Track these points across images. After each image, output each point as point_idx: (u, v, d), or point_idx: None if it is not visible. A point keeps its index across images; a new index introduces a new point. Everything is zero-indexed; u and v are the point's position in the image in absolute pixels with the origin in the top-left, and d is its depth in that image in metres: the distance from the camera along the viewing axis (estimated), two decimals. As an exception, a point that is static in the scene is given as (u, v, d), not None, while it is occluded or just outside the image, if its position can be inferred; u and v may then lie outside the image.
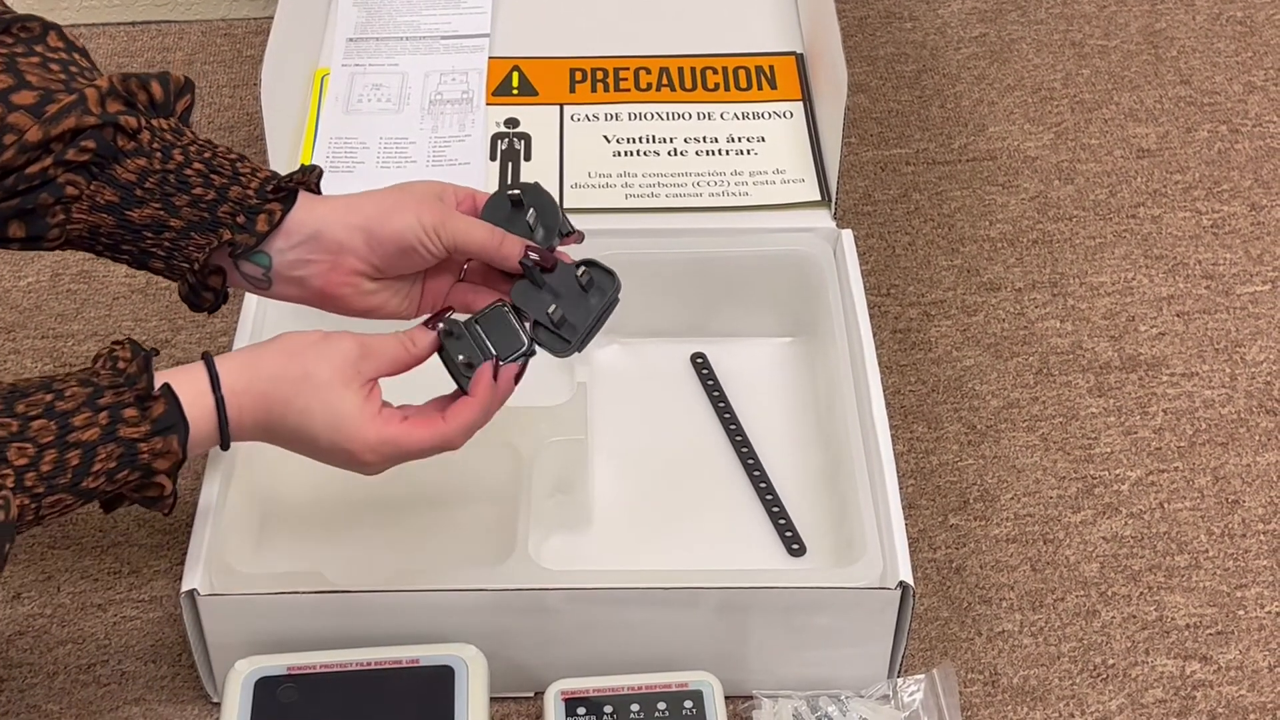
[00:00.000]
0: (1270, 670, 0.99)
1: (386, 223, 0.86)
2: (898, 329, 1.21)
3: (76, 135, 0.81)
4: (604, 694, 0.91)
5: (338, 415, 0.82)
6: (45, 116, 0.81)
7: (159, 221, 0.84)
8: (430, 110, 1.23)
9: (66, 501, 0.77)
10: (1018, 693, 0.98)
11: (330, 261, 0.86)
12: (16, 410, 0.76)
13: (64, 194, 0.82)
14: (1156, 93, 1.43)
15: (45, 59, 0.84)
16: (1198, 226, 1.30)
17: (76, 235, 0.84)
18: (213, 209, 0.84)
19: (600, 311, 0.90)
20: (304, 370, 0.82)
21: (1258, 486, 1.10)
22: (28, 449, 0.75)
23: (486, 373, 0.86)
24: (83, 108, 0.81)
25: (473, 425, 0.85)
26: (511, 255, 0.88)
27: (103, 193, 0.83)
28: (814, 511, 1.04)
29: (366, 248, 0.86)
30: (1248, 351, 1.20)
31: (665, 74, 1.27)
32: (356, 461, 0.84)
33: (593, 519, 1.04)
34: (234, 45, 1.48)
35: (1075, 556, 1.06)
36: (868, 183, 1.34)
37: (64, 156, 0.81)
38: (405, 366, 0.86)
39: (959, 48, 1.48)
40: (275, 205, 0.85)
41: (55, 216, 0.83)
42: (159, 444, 0.79)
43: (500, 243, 0.87)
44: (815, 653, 0.94)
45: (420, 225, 0.85)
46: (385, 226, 0.85)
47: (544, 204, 0.90)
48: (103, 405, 0.78)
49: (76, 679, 0.98)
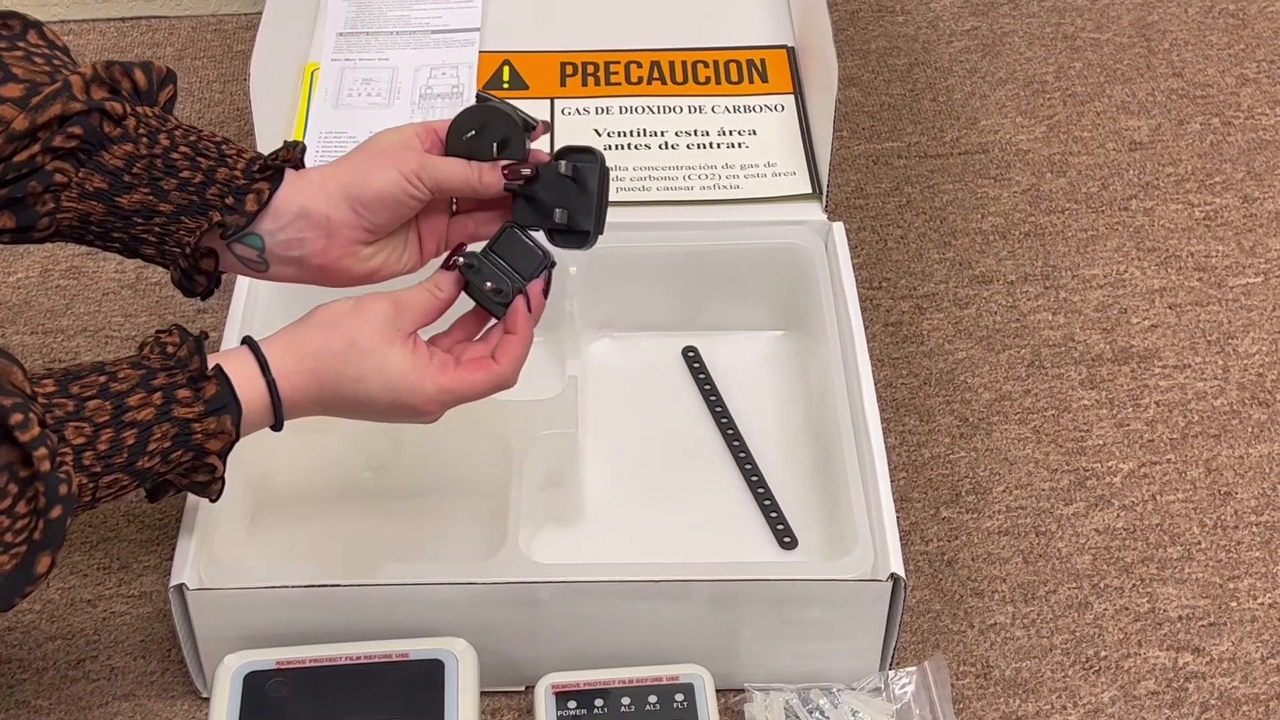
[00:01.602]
0: (1263, 661, 0.99)
1: (366, 183, 0.86)
2: (889, 322, 1.21)
3: (63, 122, 0.81)
4: (595, 687, 0.91)
5: (391, 376, 0.83)
6: (32, 105, 0.81)
7: (148, 207, 0.84)
8: (421, 104, 1.23)
9: (123, 482, 0.78)
10: (1010, 685, 0.98)
11: (324, 237, 0.86)
12: (71, 391, 0.77)
13: (53, 181, 0.82)
14: (1149, 85, 1.43)
15: (29, 53, 0.84)
16: (1190, 219, 1.30)
17: (67, 225, 0.84)
18: (201, 191, 0.84)
19: (599, 191, 0.89)
20: (348, 339, 0.83)
21: (1250, 478, 1.10)
22: (84, 428, 0.76)
23: (520, 305, 0.87)
24: (68, 94, 0.81)
25: (522, 357, 0.87)
26: (494, 183, 0.88)
27: (91, 179, 0.83)
28: (805, 504, 1.04)
29: (353, 213, 0.86)
30: (1240, 343, 1.20)
31: (656, 67, 1.27)
32: (418, 414, 0.85)
33: (584, 512, 1.03)
34: (224, 40, 1.48)
35: (1067, 549, 1.05)
36: (860, 176, 1.34)
37: (51, 143, 0.81)
38: (438, 312, 0.87)
39: (951, 41, 1.48)
40: (263, 184, 0.85)
41: (44, 205, 0.83)
42: (212, 424, 0.80)
43: (480, 176, 0.87)
44: (807, 645, 0.94)
45: (400, 175, 0.86)
46: (366, 188, 0.86)
47: (497, 117, 0.89)
48: (156, 386, 0.79)
49: (66, 674, 0.98)
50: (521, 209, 0.89)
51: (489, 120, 0.89)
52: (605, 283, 1.12)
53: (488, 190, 0.88)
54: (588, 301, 1.11)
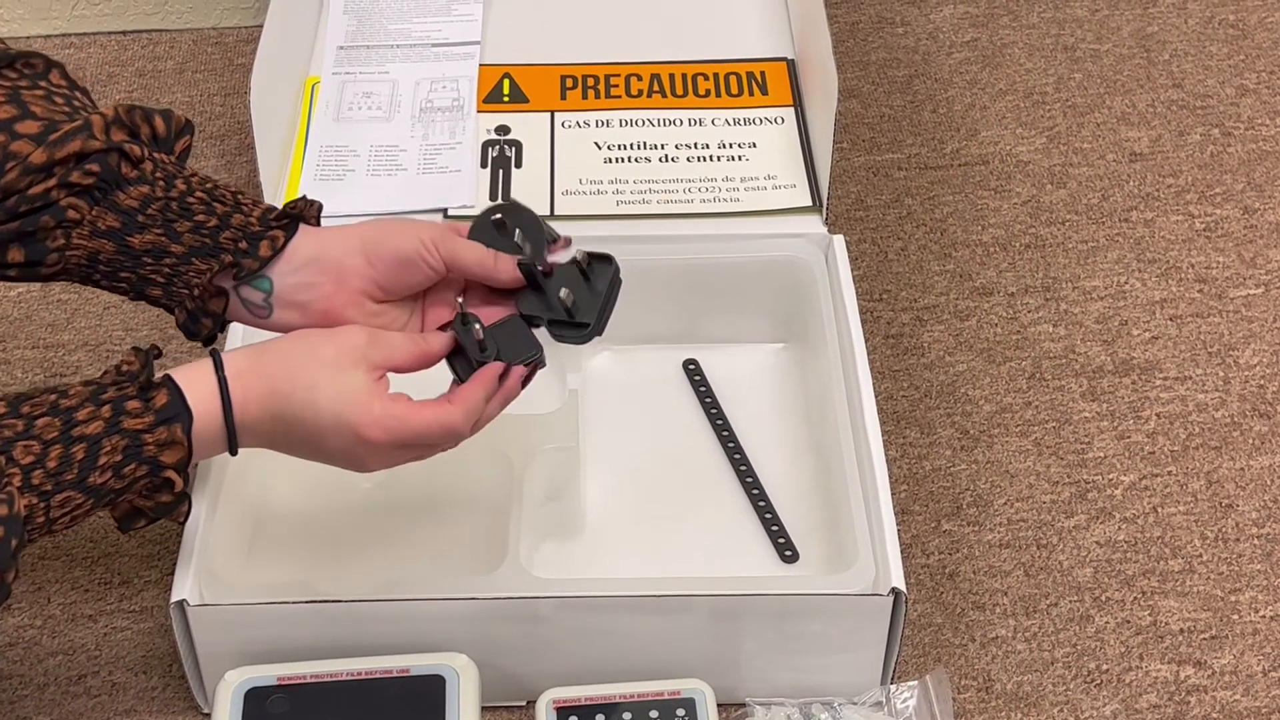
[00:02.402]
0: (1265, 675, 0.99)
1: (385, 240, 0.87)
2: (890, 334, 1.21)
3: (81, 159, 0.82)
4: (596, 702, 0.91)
5: (343, 391, 0.81)
6: (50, 140, 0.81)
7: (160, 247, 0.84)
8: (421, 118, 1.23)
9: (76, 500, 0.77)
10: (1012, 699, 0.98)
11: (334, 283, 0.86)
12: (22, 411, 0.77)
13: (65, 217, 0.82)
14: (1149, 96, 1.43)
15: (49, 93, 0.85)
16: (1190, 230, 1.30)
17: (75, 263, 0.84)
18: (215, 235, 0.84)
19: (609, 291, 0.90)
20: (310, 348, 0.83)
21: (1251, 490, 1.10)
22: (33, 446, 0.76)
23: (496, 366, 0.86)
24: (88, 133, 0.82)
25: (477, 410, 0.85)
26: (507, 269, 0.88)
27: (104, 218, 0.83)
28: (806, 518, 1.04)
29: (368, 265, 0.86)
30: (1241, 355, 1.20)
31: (656, 80, 1.27)
32: (362, 441, 0.82)
33: (585, 527, 1.03)
34: (225, 54, 1.48)
35: (1069, 561, 1.05)
36: (860, 188, 1.34)
37: (68, 179, 0.81)
38: (416, 362, 0.86)
39: (951, 52, 1.48)
40: (279, 232, 0.86)
41: (55, 241, 0.83)
42: (163, 434, 0.79)
43: (496, 259, 0.88)
44: (808, 660, 0.94)
45: (420, 240, 0.87)
46: (385, 245, 0.86)
47: (526, 219, 0.91)
48: (105, 399, 0.78)
49: (67, 690, 0.98)
50: (528, 299, 0.89)
51: (515, 219, 0.90)
52: (606, 296, 1.12)
53: (501, 275, 0.88)
54: (588, 315, 1.11)
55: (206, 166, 1.35)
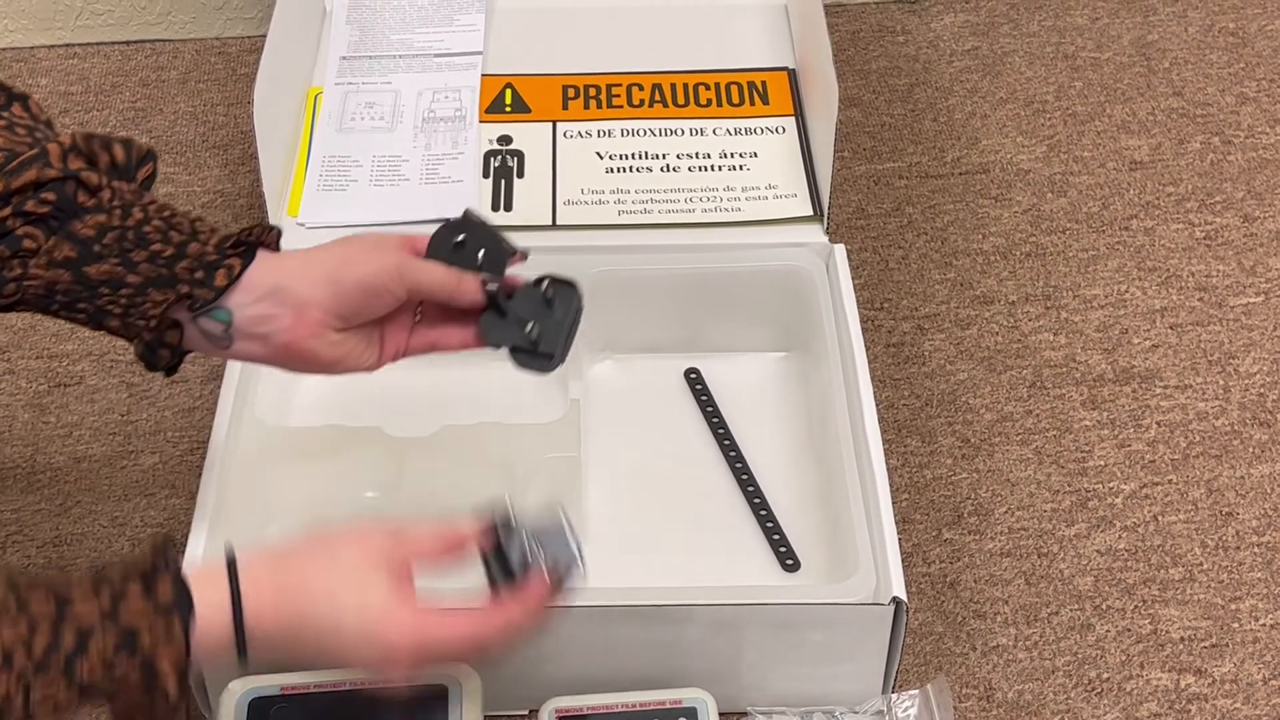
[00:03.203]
0: (1265, 683, 0.99)
1: (350, 270, 0.85)
2: (891, 343, 1.21)
3: (37, 188, 0.80)
4: (598, 712, 0.91)
5: (367, 603, 0.76)
6: (7, 170, 0.79)
7: (116, 278, 0.81)
8: (423, 128, 1.24)
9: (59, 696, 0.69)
10: (1013, 707, 0.98)
11: (294, 315, 0.84)
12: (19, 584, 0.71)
13: (21, 247, 0.80)
14: (1149, 105, 1.43)
15: (11, 124, 0.83)
16: (1191, 238, 1.30)
17: (32, 293, 0.82)
18: (171, 264, 0.82)
19: (572, 319, 0.89)
20: (329, 555, 0.78)
21: (1252, 499, 1.10)
22: (20, 625, 0.69)
23: (542, 584, 0.80)
24: (44, 161, 0.80)
25: (514, 625, 0.79)
26: (471, 290, 0.87)
27: (61, 248, 0.81)
28: (807, 527, 1.04)
29: (332, 297, 0.84)
30: (1241, 363, 1.20)
31: (658, 90, 1.28)
32: (386, 655, 0.77)
33: (586, 535, 1.03)
34: (228, 64, 1.49)
35: (1069, 570, 1.06)
36: (860, 197, 1.34)
37: (23, 208, 0.79)
38: (444, 555, 0.81)
39: (951, 61, 1.48)
40: (234, 260, 0.83)
41: (12, 270, 0.81)
42: (160, 628, 0.71)
43: (459, 281, 0.87)
44: (809, 669, 0.94)
45: (383, 268, 0.85)
46: (349, 274, 0.85)
47: (483, 233, 0.89)
48: (106, 578, 0.72)
49: (71, 700, 0.98)
50: (491, 324, 0.88)
51: (472, 234, 0.88)
52: (607, 305, 1.12)
53: (465, 297, 0.87)
54: (590, 324, 1.10)
55: (210, 177, 1.36)
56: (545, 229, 1.15)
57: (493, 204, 1.16)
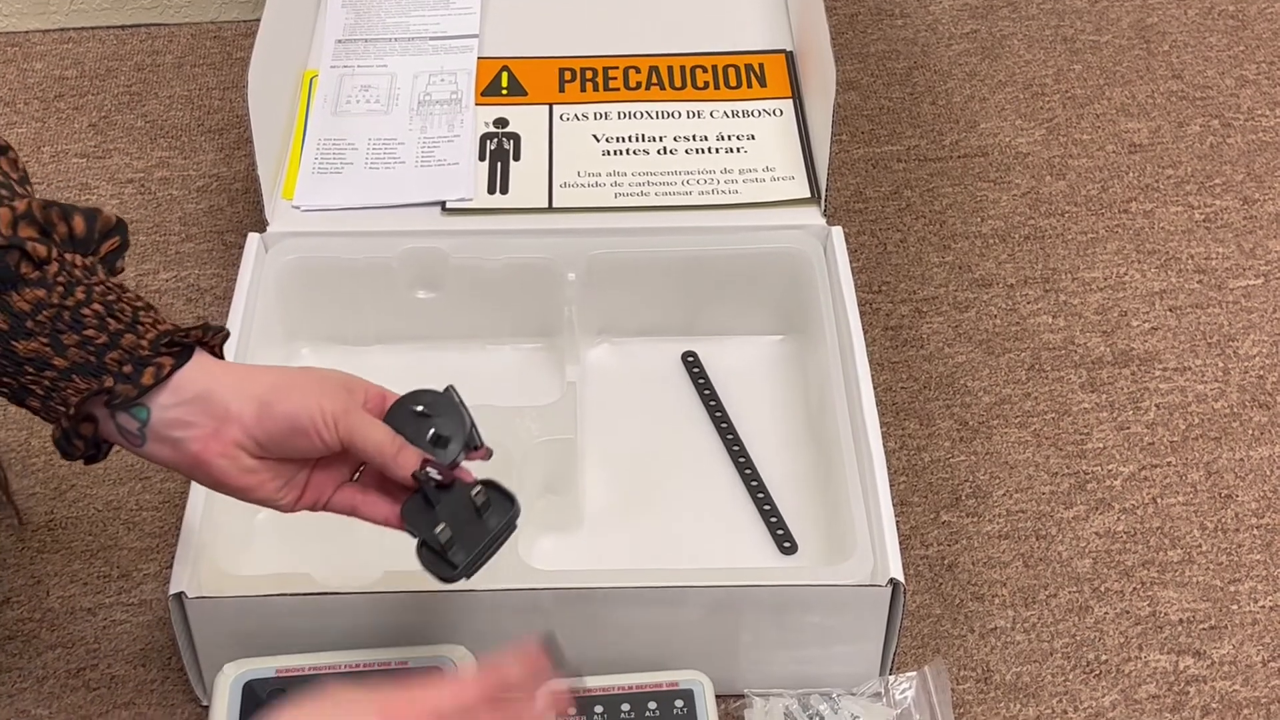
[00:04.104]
0: (1264, 665, 0.99)
1: (284, 399, 0.80)
2: (889, 326, 1.21)
3: None
4: (594, 694, 0.91)
5: None
6: None
7: (42, 358, 0.77)
8: (419, 111, 1.23)
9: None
10: (1010, 689, 0.98)
11: (212, 428, 0.79)
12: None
13: None
14: (1148, 87, 1.42)
15: None
16: (1190, 221, 1.30)
17: None
18: (101, 354, 0.78)
19: (494, 536, 0.82)
20: None
21: (1251, 481, 1.10)
22: None
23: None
24: None
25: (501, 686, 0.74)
26: (406, 466, 0.81)
27: None
28: (805, 509, 1.04)
29: (255, 421, 0.79)
30: (1240, 345, 1.19)
31: (655, 73, 1.27)
32: None
33: (583, 518, 1.03)
34: (223, 47, 1.48)
35: (1068, 552, 1.05)
36: (859, 180, 1.33)
37: None
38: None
39: (950, 44, 1.48)
40: (166, 359, 0.79)
41: None
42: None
43: (397, 451, 0.81)
44: (807, 651, 0.94)
45: (320, 410, 0.80)
46: (282, 403, 0.80)
47: (452, 415, 0.83)
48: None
49: (66, 683, 0.98)
50: (414, 509, 0.82)
51: (442, 412, 0.83)
52: (604, 288, 1.12)
53: (396, 469, 0.81)
54: (586, 307, 1.11)
55: (205, 161, 1.35)
56: (541, 212, 1.14)
57: (489, 187, 1.16)
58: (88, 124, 1.40)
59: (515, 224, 1.13)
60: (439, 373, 1.12)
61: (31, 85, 1.44)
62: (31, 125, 1.39)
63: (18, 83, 1.44)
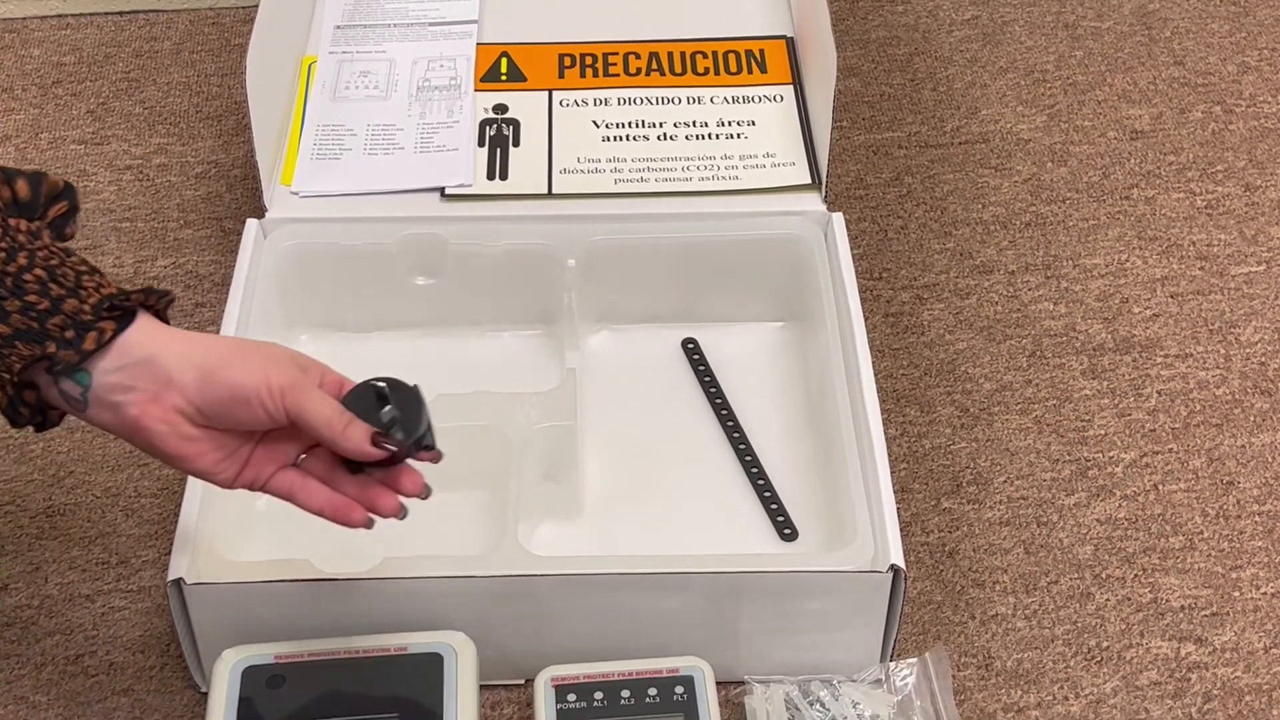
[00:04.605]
0: (1266, 651, 0.99)
1: (229, 368, 0.79)
2: (890, 312, 1.21)
3: None
4: (594, 680, 0.90)
5: None
6: None
7: None
8: (418, 97, 1.23)
9: None
10: (1011, 676, 0.97)
11: (153, 392, 0.78)
12: None
13: None
14: (1150, 74, 1.42)
15: None
16: (1192, 207, 1.29)
17: None
18: (43, 319, 0.77)
19: None
20: None
21: (1252, 467, 1.10)
22: None
23: None
24: None
25: None
26: (353, 439, 0.80)
27: None
28: (805, 496, 1.03)
29: (197, 387, 0.78)
30: (1242, 332, 1.19)
31: (655, 58, 1.27)
32: None
33: (583, 505, 1.03)
34: (221, 34, 1.48)
35: (1069, 539, 1.05)
36: (860, 166, 1.33)
37: None
38: None
39: (951, 30, 1.47)
40: (108, 324, 0.78)
41: None
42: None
43: (345, 425, 0.80)
44: (807, 637, 0.94)
45: (266, 381, 0.78)
46: (226, 371, 0.79)
47: (413, 407, 0.82)
48: None
49: (64, 670, 0.98)
50: None
51: (403, 402, 0.82)
52: (604, 274, 1.11)
53: (346, 443, 0.80)
54: (586, 294, 1.11)
55: (204, 148, 1.35)
56: (541, 198, 1.14)
57: (488, 172, 1.16)
58: (86, 111, 1.39)
59: (515, 210, 1.13)
60: (438, 359, 1.12)
61: (29, 72, 1.43)
62: (29, 112, 1.39)
63: (15, 69, 1.44)
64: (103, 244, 1.26)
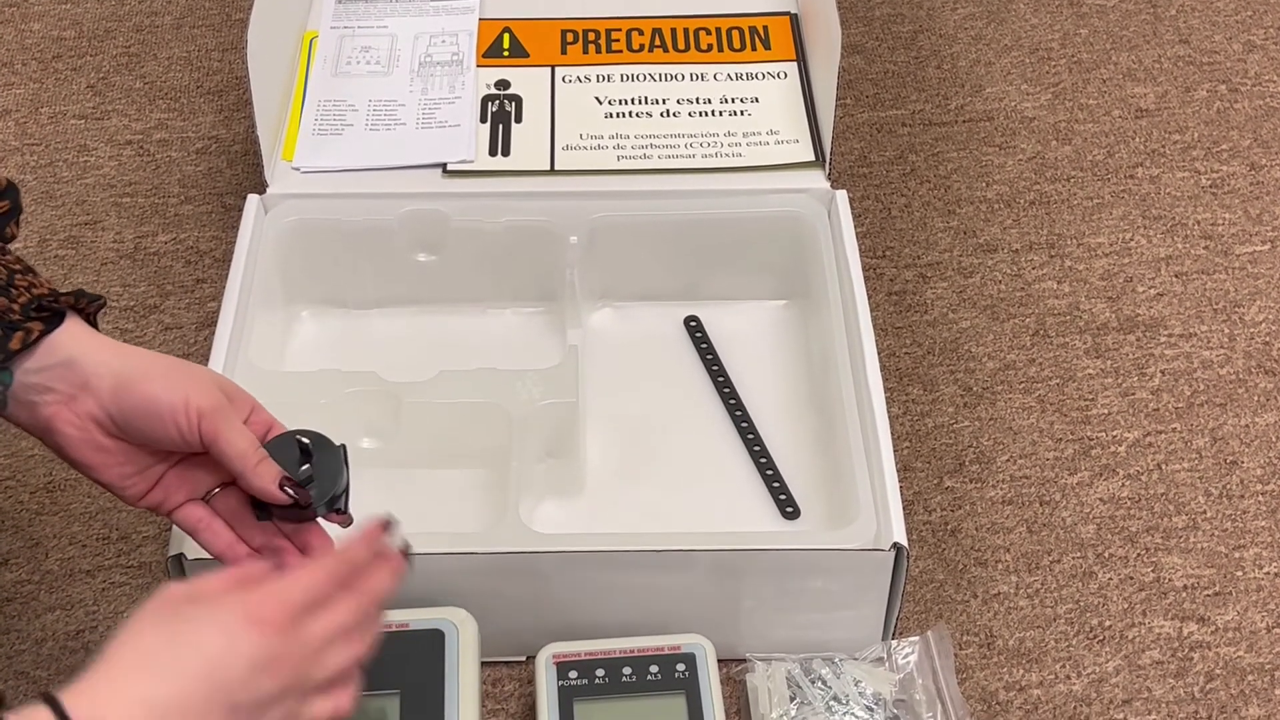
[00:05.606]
0: (1268, 631, 0.99)
1: (149, 381, 0.77)
2: (893, 291, 1.20)
3: None
4: (596, 657, 0.90)
5: None
6: None
7: None
8: (420, 72, 1.22)
9: None
10: (1014, 654, 0.97)
11: (68, 395, 0.77)
12: None
13: None
14: (1155, 52, 1.41)
15: None
16: (1196, 186, 1.29)
17: None
18: None
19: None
20: None
21: (1256, 447, 1.09)
22: None
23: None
24: None
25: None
26: (264, 478, 0.77)
27: None
28: (808, 474, 1.03)
29: (112, 395, 0.76)
30: (1246, 312, 1.19)
31: (658, 34, 1.26)
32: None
33: (585, 482, 1.03)
34: (222, 8, 1.47)
35: (1072, 518, 1.05)
36: (863, 144, 1.32)
37: None
38: None
39: (956, 7, 1.46)
40: (36, 324, 0.77)
41: None
42: None
43: (258, 461, 0.77)
44: (809, 615, 0.94)
45: (185, 401, 0.76)
46: (145, 383, 0.77)
47: (330, 466, 0.80)
48: None
49: (65, 645, 0.97)
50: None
51: (325, 459, 0.80)
52: (606, 252, 1.11)
53: (255, 480, 0.77)
54: (588, 271, 1.11)
55: (204, 123, 1.34)
56: (543, 174, 1.13)
57: (490, 149, 1.15)
58: (86, 85, 1.39)
59: (517, 186, 1.12)
60: (440, 335, 1.12)
61: (29, 46, 1.43)
62: (29, 86, 1.38)
63: (15, 44, 1.43)
64: (103, 219, 1.25)
